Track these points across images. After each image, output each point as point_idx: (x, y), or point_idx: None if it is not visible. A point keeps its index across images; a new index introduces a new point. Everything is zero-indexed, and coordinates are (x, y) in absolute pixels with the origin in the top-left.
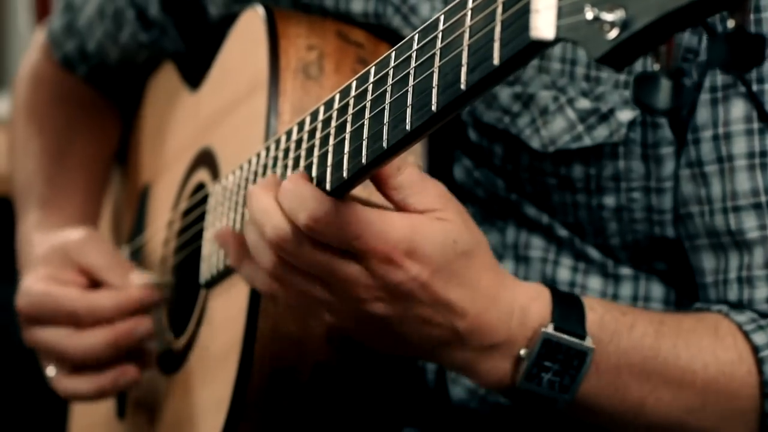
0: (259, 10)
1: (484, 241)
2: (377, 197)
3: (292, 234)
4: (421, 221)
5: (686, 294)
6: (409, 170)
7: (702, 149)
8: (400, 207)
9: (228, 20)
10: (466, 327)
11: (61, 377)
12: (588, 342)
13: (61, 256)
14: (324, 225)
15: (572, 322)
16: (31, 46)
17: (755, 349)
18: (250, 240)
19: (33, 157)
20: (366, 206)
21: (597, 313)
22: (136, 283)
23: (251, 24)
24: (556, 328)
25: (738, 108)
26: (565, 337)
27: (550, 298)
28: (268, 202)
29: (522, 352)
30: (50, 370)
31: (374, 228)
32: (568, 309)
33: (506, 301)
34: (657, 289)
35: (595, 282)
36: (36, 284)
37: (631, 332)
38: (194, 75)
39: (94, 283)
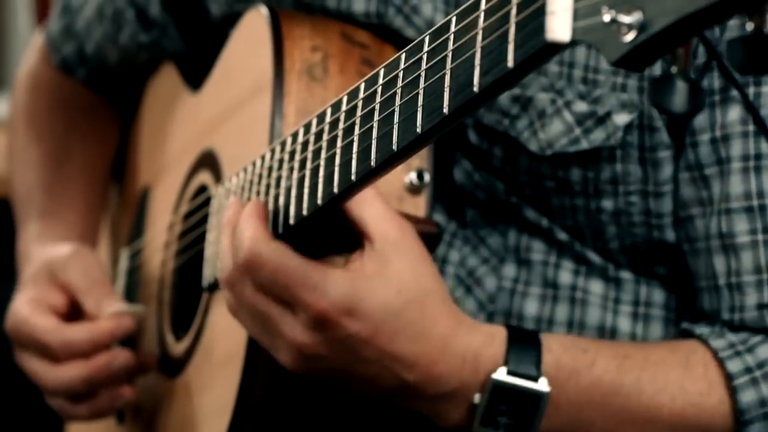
0: (263, 11)
1: (439, 283)
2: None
3: (237, 273)
4: (363, 278)
5: (687, 299)
6: (371, 192)
7: (701, 152)
8: (358, 227)
9: (230, 20)
10: (416, 379)
11: (55, 400)
12: (542, 384)
13: (47, 275)
14: (260, 266)
15: (526, 365)
16: (28, 49)
17: (729, 377)
18: (219, 276)
19: (32, 166)
20: (311, 260)
21: (554, 354)
22: (109, 312)
23: (255, 25)
24: (509, 372)
25: (735, 111)
26: (518, 382)
27: (505, 340)
28: (226, 242)
29: (476, 398)
30: None
31: (310, 280)
32: (523, 351)
33: (459, 348)
34: (658, 294)
35: (596, 286)
36: (21, 308)
37: (591, 370)
38: (195, 76)
39: (76, 305)
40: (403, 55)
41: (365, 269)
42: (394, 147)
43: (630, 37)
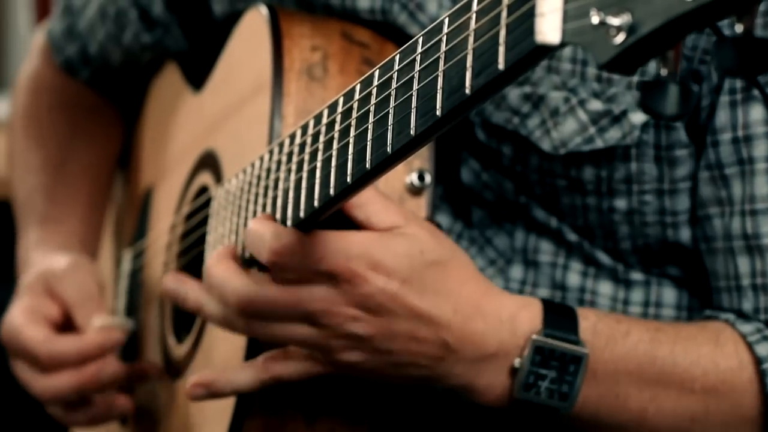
0: (263, 11)
1: (460, 252)
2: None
3: (253, 285)
4: (382, 235)
5: (698, 299)
6: (370, 190)
7: (721, 152)
8: (364, 226)
9: (232, 18)
10: (454, 338)
11: (52, 407)
12: (582, 347)
13: (42, 285)
14: (287, 256)
15: (564, 329)
16: (30, 50)
17: (758, 361)
18: (217, 315)
19: (33, 171)
20: (326, 230)
21: (589, 320)
22: (96, 325)
23: (254, 24)
24: (547, 335)
25: (757, 110)
26: (558, 343)
27: (540, 307)
28: (222, 272)
29: (516, 362)
30: None
31: (334, 247)
32: (559, 316)
33: (492, 310)
34: (669, 295)
35: (605, 287)
36: (16, 317)
37: (626, 339)
38: (197, 75)
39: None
40: (398, 57)
41: (388, 232)
42: (389, 149)
43: (619, 39)
